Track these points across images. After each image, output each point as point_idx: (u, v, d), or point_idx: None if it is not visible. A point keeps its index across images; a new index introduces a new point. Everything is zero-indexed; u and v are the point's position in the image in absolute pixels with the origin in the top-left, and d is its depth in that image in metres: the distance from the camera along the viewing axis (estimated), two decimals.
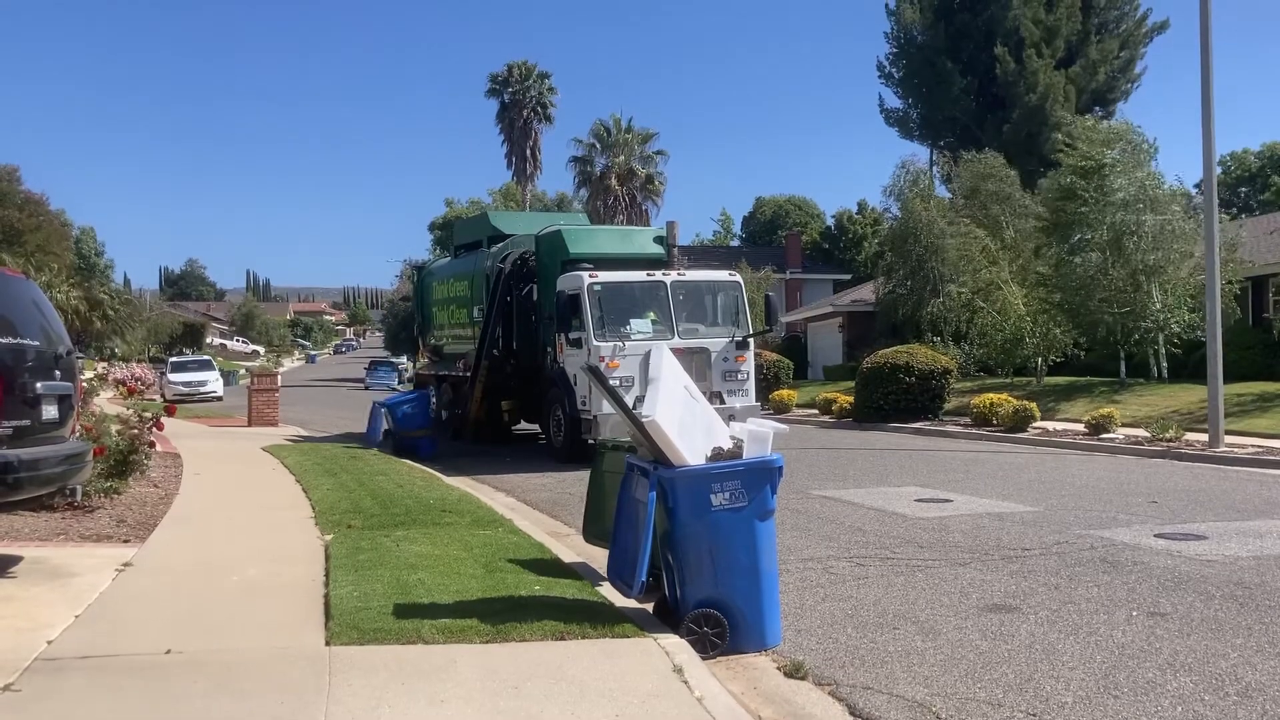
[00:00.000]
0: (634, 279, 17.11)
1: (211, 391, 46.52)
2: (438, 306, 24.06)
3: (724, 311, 17.63)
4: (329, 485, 12.75)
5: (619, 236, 19.95)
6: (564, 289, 16.92)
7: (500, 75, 65.63)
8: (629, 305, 16.89)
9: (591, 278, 16.57)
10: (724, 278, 18.11)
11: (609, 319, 16.45)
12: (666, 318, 16.80)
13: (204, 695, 5.18)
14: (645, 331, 16.54)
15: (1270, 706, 5.28)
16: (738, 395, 16.78)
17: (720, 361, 16.73)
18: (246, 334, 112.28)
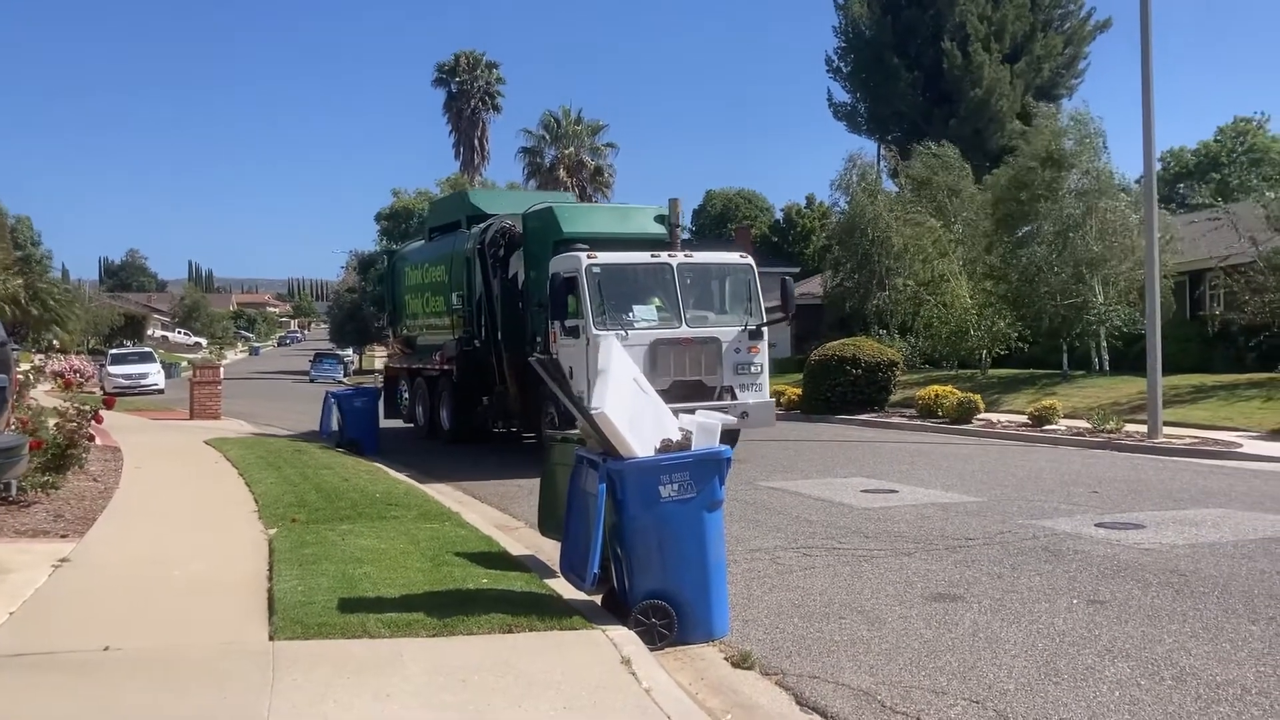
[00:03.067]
0: (637, 260, 15.41)
1: (152, 384, 45.68)
2: (410, 294, 22.14)
3: (735, 297, 15.98)
4: (273, 479, 12.59)
5: (617, 215, 17.72)
6: (558, 271, 15.08)
7: (448, 64, 65.14)
8: (632, 289, 15.31)
9: (590, 258, 14.78)
10: (735, 260, 16.27)
11: (610, 305, 14.74)
12: (673, 303, 15.12)
13: (143, 692, 5.09)
14: (650, 319, 15.03)
15: (1203, 690, 5.41)
16: (751, 390, 15.31)
17: (732, 353, 15.19)
18: (189, 326, 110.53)
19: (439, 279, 20.27)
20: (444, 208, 23.28)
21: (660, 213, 17.37)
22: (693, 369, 14.76)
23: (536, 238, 16.74)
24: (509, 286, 17.55)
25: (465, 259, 18.57)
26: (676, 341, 14.67)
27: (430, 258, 21.20)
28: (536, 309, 16.23)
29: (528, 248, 17.04)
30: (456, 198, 22.62)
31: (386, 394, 22.37)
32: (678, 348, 14.64)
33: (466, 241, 18.72)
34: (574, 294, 14.84)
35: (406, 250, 24.38)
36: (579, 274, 14.73)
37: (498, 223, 17.87)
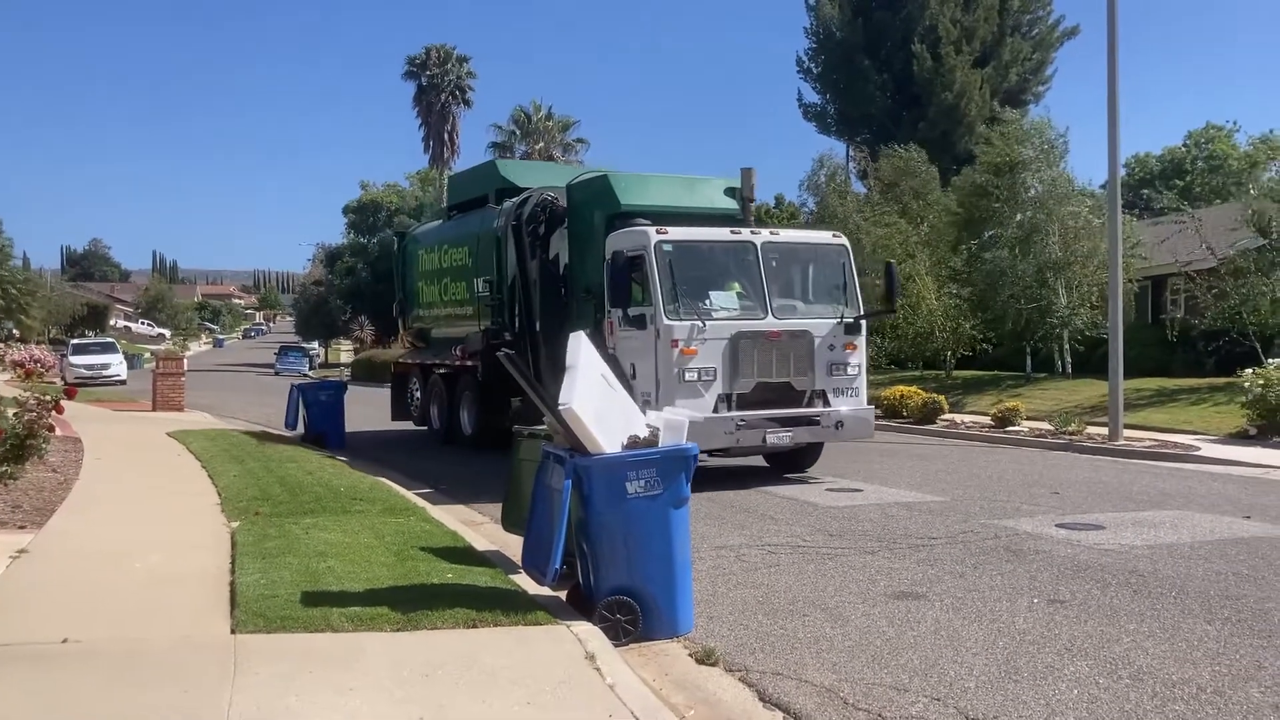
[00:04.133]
0: (715, 237, 13.26)
1: (114, 375, 45.19)
2: (425, 280, 19.68)
3: (827, 284, 13.91)
4: (236, 472, 12.49)
5: (682, 186, 15.13)
6: (620, 249, 12.91)
7: (418, 58, 64.79)
8: (708, 272, 13.23)
9: (660, 234, 12.65)
10: (828, 240, 14.15)
11: (682, 290, 12.56)
12: (757, 290, 12.94)
13: (103, 685, 5.04)
14: (730, 308, 12.91)
15: (1160, 688, 5.48)
16: (846, 396, 13.17)
17: (825, 350, 13.01)
18: (152, 317, 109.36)
19: (460, 262, 18.01)
20: (467, 182, 20.07)
21: (731, 184, 14.80)
22: (780, 369, 12.74)
23: (585, 212, 14.63)
24: (548, 269, 15.35)
25: (495, 238, 16.34)
26: (762, 336, 12.62)
27: (450, 238, 18.82)
28: (583, 296, 14.29)
29: (574, 224, 14.96)
30: (483, 170, 19.26)
31: (395, 393, 20.71)
32: (763, 343, 12.61)
33: (496, 218, 16.48)
34: (639, 277, 12.82)
35: (420, 231, 21.88)
36: (646, 253, 12.61)
37: (536, 196, 15.53)
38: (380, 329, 63.84)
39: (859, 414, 13.27)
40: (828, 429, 12.95)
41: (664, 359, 12.24)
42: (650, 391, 12.37)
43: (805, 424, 12.79)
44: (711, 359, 12.36)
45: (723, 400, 12.35)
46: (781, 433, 12.66)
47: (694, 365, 12.25)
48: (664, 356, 12.23)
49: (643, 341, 12.58)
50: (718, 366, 12.37)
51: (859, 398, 13.36)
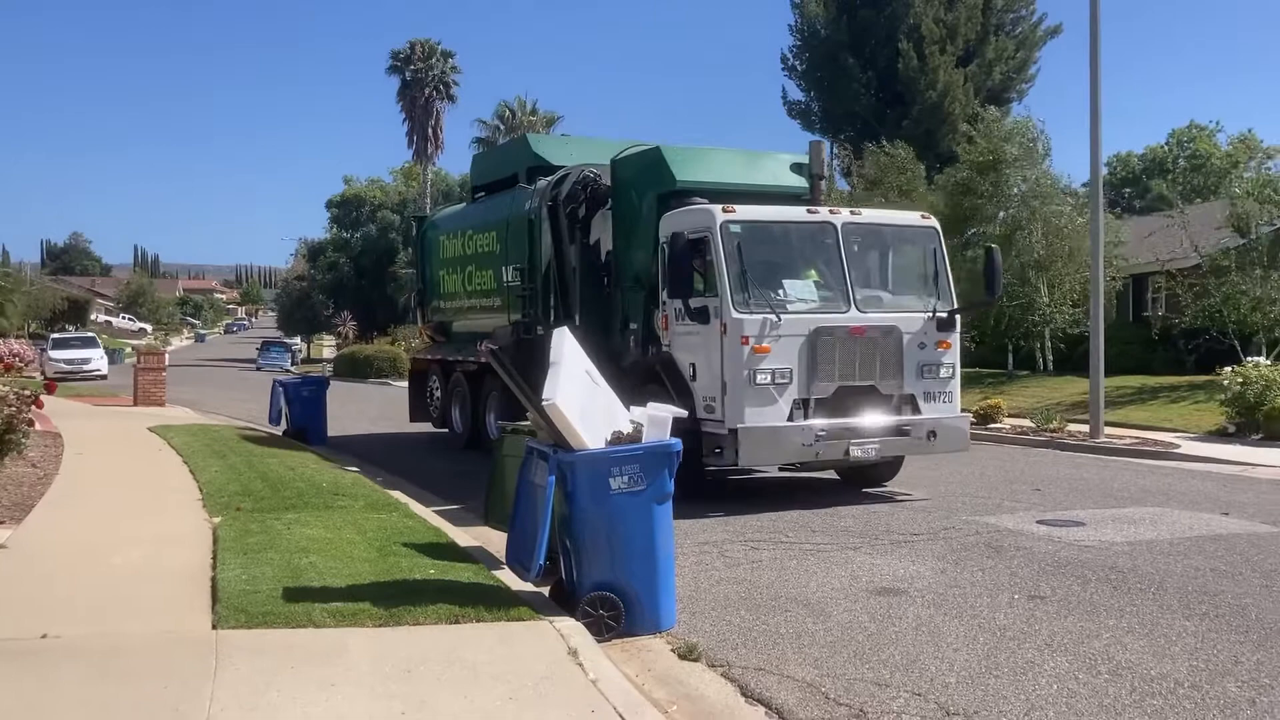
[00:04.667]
0: (790, 217, 11.62)
1: (95, 370, 44.88)
2: (447, 269, 17.96)
3: (915, 272, 12.37)
4: (217, 467, 12.43)
5: (743, 161, 13.45)
6: (679, 231, 11.12)
7: (402, 52, 64.52)
8: (782, 258, 11.68)
9: (727, 213, 11.05)
10: (915, 221, 12.46)
11: (753, 278, 10.94)
12: (837, 278, 11.33)
13: (83, 681, 5.02)
14: (808, 299, 11.28)
15: (1138, 683, 5.53)
16: (938, 401, 11.52)
17: (915, 349, 11.36)
18: (134, 311, 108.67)
19: (487, 248, 16.34)
20: (494, 161, 18.48)
21: (798, 160, 13.12)
22: (864, 370, 11.10)
23: (633, 190, 12.92)
24: (589, 255, 13.70)
25: (527, 221, 14.68)
26: (845, 332, 11.01)
27: (475, 223, 17.12)
28: (631, 285, 12.79)
29: (619, 204, 13.23)
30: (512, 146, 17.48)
31: (413, 392, 19.09)
32: (846, 340, 10.99)
33: (529, 199, 14.82)
34: (702, 262, 11.26)
35: (441, 216, 20.34)
36: (711, 234, 11.01)
37: (576, 173, 13.87)
38: (363, 324, 63.69)
39: (953, 423, 11.60)
40: (918, 440, 11.30)
41: (732, 358, 10.68)
42: (714, 396, 10.89)
43: (893, 434, 11.18)
44: (786, 358, 10.75)
45: (799, 406, 10.80)
46: (867, 445, 11.00)
47: (767, 365, 10.64)
48: (732, 355, 10.67)
49: (706, 338, 11.02)
50: (793, 367, 10.75)
51: (953, 403, 11.71)
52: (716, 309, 10.91)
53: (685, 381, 11.23)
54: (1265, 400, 17.09)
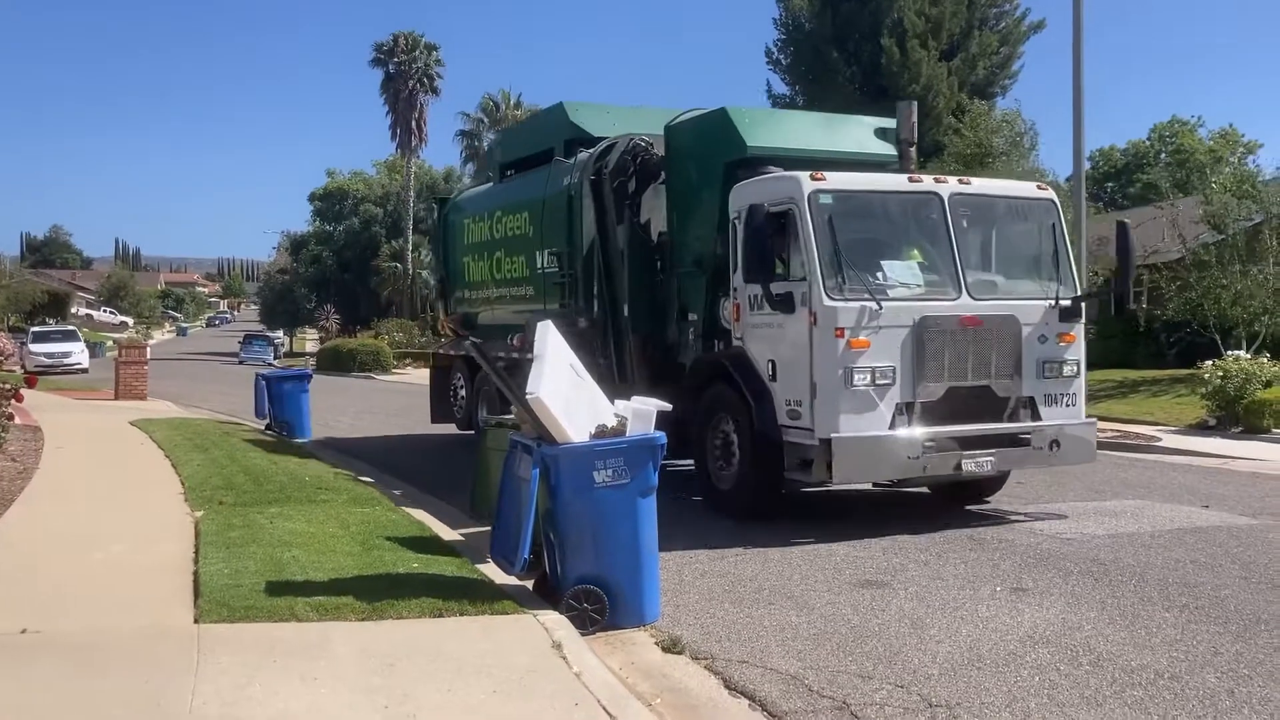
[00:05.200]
0: (890, 187, 10.00)
1: (76, 363, 44.64)
2: (472, 255, 16.14)
3: (1032, 253, 10.68)
4: (200, 461, 12.37)
5: (822, 126, 11.88)
6: (758, 202, 9.49)
7: (386, 45, 64.24)
8: (880, 235, 10.06)
9: (816, 181, 9.39)
10: (1032, 193, 10.63)
11: (848, 259, 9.32)
12: (945, 259, 9.69)
13: (63, 675, 4.99)
14: (911, 283, 9.62)
15: (1119, 674, 5.56)
16: (1061, 404, 9.85)
17: (1034, 342, 9.70)
18: (115, 305, 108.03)
19: (518, 231, 14.66)
20: (525, 134, 16.37)
21: (883, 124, 11.52)
22: (978, 368, 9.46)
23: (694, 159, 11.26)
24: (639, 236, 12.01)
25: (566, 199, 12.99)
26: (955, 322, 9.37)
27: (505, 203, 15.31)
28: (690, 269, 11.14)
29: (676, 176, 11.59)
30: (547, 117, 15.27)
31: (435, 390, 17.44)
32: (957, 333, 9.35)
33: (568, 174, 13.05)
34: (785, 241, 9.62)
35: (466, 196, 18.27)
36: (798, 206, 9.38)
37: (624, 142, 12.20)
38: (346, 318, 63.49)
39: (1079, 431, 9.94)
40: (1040, 451, 9.68)
41: (824, 353, 9.07)
42: (800, 400, 9.25)
43: (1010, 444, 9.60)
44: (888, 354, 9.13)
45: (901, 412, 9.18)
46: (981, 457, 9.40)
47: (866, 363, 9.03)
48: (824, 350, 9.07)
49: (790, 330, 9.42)
50: (896, 365, 9.13)
51: (1077, 407, 10.01)
52: (804, 295, 9.26)
53: (762, 382, 9.66)
54: (1245, 394, 17.22)
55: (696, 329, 11.04)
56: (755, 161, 10.42)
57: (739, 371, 9.90)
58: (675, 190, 11.58)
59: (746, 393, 9.68)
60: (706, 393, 10.38)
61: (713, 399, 10.28)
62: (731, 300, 10.21)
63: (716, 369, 10.36)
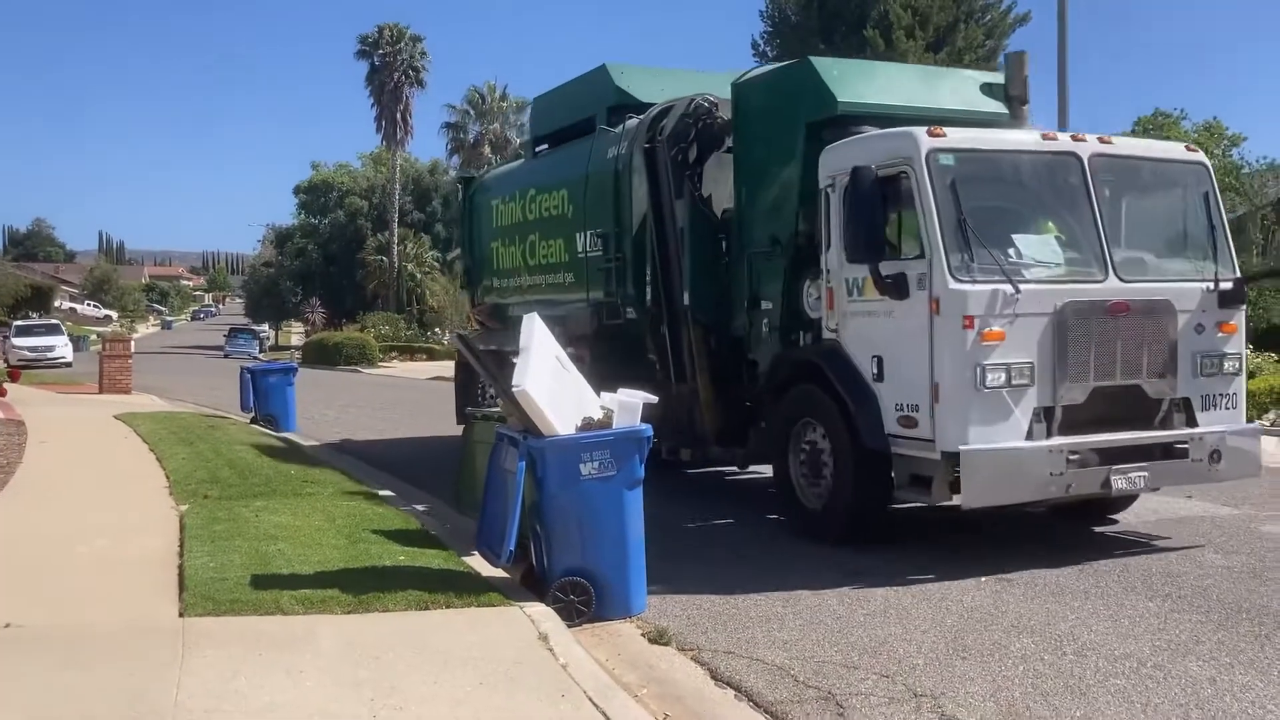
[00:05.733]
0: (1021, 145, 8.37)
1: (60, 357, 44.42)
2: (502, 239, 14.56)
3: (1180, 226, 9.03)
4: (185, 454, 12.33)
5: (920, 80, 10.41)
6: (864, 165, 7.91)
7: (370, 37, 63.97)
8: (1011, 204, 8.55)
9: (935, 138, 7.89)
10: (1180, 155, 9.09)
11: (976, 232, 7.71)
12: (1088, 232, 8.15)
13: (48, 669, 4.98)
14: (1051, 262, 8.15)
15: (1102, 664, 5.60)
16: (1220, 407, 8.35)
17: (1191, 333, 8.19)
18: (99, 298, 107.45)
19: (555, 212, 13.16)
20: (561, 102, 14.11)
21: (990, 79, 9.96)
22: (1128, 365, 7.88)
23: (770, 119, 9.71)
24: (701, 213, 10.47)
25: (612, 174, 11.53)
26: (1103, 309, 7.80)
27: (539, 181, 13.78)
28: (765, 249, 9.50)
29: (746, 141, 9.94)
30: (587, 83, 13.47)
31: (460, 390, 15.41)
32: (1105, 322, 7.79)
33: (614, 144, 11.59)
34: (899, 211, 8.07)
35: (493, 176, 16.47)
36: (914, 169, 7.83)
37: (684, 104, 10.66)
38: (331, 311, 63.28)
39: (1242, 440, 8.41)
40: (1198, 464, 8.15)
41: (949, 347, 7.56)
42: (915, 403, 7.76)
43: (1164, 456, 8.11)
44: (1025, 348, 7.61)
45: (1039, 418, 7.66)
46: (1134, 473, 7.89)
47: (1000, 359, 7.51)
48: (949, 343, 7.55)
49: (903, 319, 7.90)
50: (1034, 361, 7.62)
51: (1238, 410, 8.50)
52: (922, 277, 7.73)
53: (863, 382, 8.15)
54: None
55: (771, 320, 9.45)
56: (846, 121, 8.89)
57: (834, 370, 8.39)
58: (745, 158, 9.97)
59: (844, 395, 8.21)
60: (788, 395, 8.92)
61: (797, 402, 8.83)
62: (822, 285, 8.68)
63: (803, 367, 8.91)
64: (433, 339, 52.75)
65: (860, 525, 8.36)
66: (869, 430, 8.01)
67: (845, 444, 8.22)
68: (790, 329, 9.32)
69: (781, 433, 8.97)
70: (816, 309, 8.85)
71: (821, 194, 8.69)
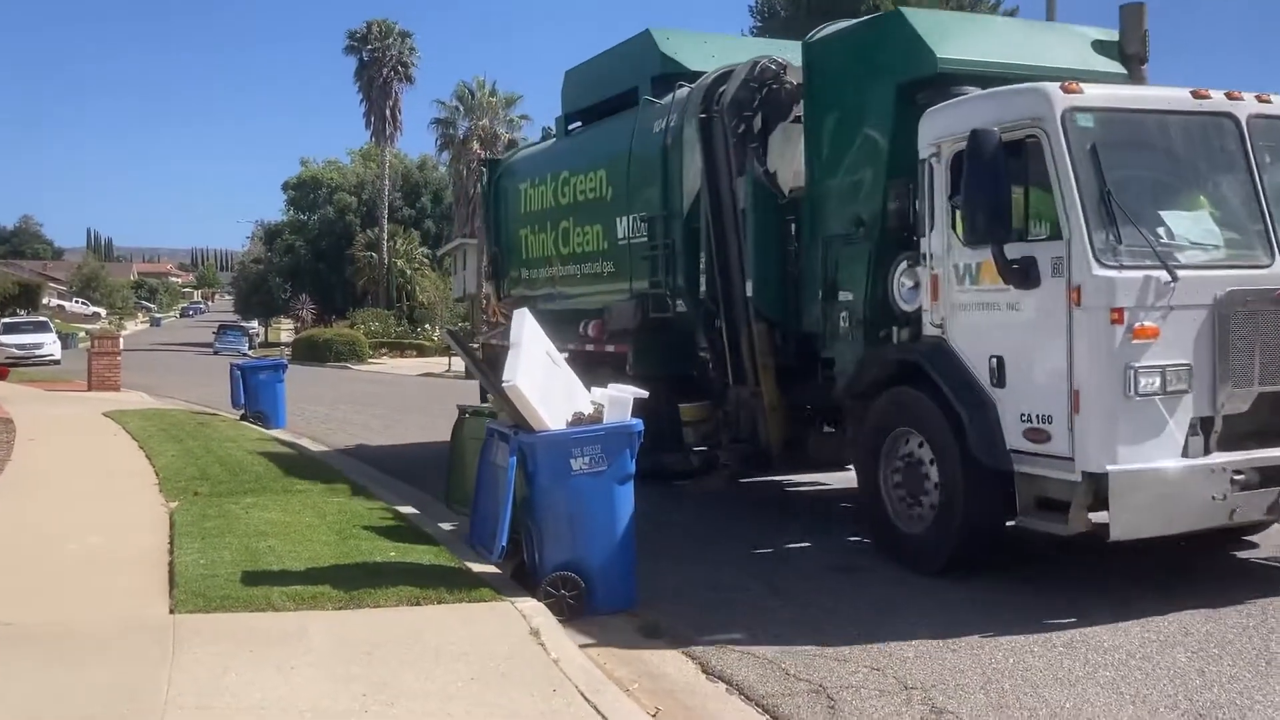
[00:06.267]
0: (1169, 104, 7.04)
1: (48, 355, 44.21)
2: (530, 227, 13.46)
3: None
4: (174, 451, 12.30)
5: (1024, 35, 9.07)
6: (984, 127, 6.71)
7: (359, 32, 63.82)
8: (1160, 175, 7.21)
9: (1071, 94, 6.70)
10: None
11: (1123, 206, 6.54)
12: (1249, 206, 6.95)
13: (39, 667, 4.97)
14: (1208, 243, 6.89)
15: (1091, 655, 5.63)
16: None
17: None
18: (87, 295, 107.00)
19: (592, 194, 11.99)
20: (598, 74, 12.66)
21: (1104, 36, 8.63)
22: None
23: (850, 82, 8.41)
24: (765, 192, 9.23)
25: (660, 149, 10.44)
26: (1271, 299, 6.59)
27: (574, 161, 12.58)
28: (847, 231, 8.25)
29: (822, 107, 8.73)
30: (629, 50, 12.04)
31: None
32: (1272, 315, 6.58)
33: (664, 115, 10.50)
34: (1025, 183, 6.76)
35: (520, 158, 15.08)
36: (1047, 131, 6.66)
37: (746, 68, 9.50)
38: (321, 308, 63.16)
39: None
40: None
41: (1093, 346, 6.40)
42: (1051, 413, 6.54)
43: None
44: (1180, 347, 6.47)
45: (1196, 431, 6.51)
46: None
47: (1153, 361, 6.38)
48: (1093, 341, 6.40)
49: (1032, 311, 6.73)
50: (1190, 363, 6.47)
51: None
52: (1057, 262, 6.55)
53: (978, 386, 6.91)
54: None
55: (853, 313, 8.16)
56: (945, 81, 7.65)
57: (940, 372, 7.13)
58: (821, 128, 8.72)
59: (954, 402, 6.94)
60: (880, 401, 7.70)
61: (891, 409, 7.63)
62: (923, 272, 7.42)
63: (900, 368, 7.65)
64: (423, 335, 52.69)
65: (969, 554, 7.14)
66: (985, 445, 6.77)
67: (954, 460, 6.95)
68: (877, 323, 8.00)
69: (871, 444, 7.73)
70: (911, 300, 7.63)
71: (922, 166, 7.41)
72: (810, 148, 8.83)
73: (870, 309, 8.02)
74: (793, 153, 9.28)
